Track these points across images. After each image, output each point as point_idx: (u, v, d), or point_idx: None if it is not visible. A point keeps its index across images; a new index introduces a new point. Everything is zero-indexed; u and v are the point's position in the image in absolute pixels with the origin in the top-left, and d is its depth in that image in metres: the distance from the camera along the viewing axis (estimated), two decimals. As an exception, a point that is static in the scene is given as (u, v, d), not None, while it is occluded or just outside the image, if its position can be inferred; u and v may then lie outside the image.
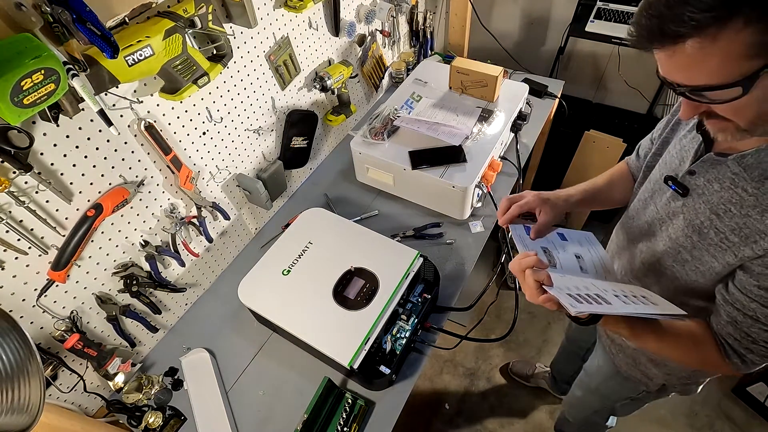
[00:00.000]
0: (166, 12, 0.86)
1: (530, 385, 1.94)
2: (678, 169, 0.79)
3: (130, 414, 1.04)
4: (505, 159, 1.52)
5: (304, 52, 1.34)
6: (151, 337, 1.18)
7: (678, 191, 0.77)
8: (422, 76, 1.61)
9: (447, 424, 1.86)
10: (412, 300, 1.12)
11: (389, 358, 1.04)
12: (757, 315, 0.68)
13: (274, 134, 1.36)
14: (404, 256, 1.13)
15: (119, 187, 0.95)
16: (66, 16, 0.63)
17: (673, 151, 0.84)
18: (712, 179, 0.72)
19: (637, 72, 2.13)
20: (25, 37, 0.62)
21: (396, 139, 1.40)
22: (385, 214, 1.45)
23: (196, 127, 1.09)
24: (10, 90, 0.60)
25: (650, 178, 0.90)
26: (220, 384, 1.11)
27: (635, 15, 0.56)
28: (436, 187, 1.32)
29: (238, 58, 1.12)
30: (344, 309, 1.05)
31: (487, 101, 1.51)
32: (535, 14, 2.23)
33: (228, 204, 1.28)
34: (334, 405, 1.03)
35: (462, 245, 1.35)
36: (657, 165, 0.89)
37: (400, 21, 1.78)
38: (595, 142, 2.00)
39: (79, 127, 0.84)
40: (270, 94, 1.28)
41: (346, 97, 1.51)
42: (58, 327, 0.93)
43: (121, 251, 1.02)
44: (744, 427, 1.79)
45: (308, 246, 1.17)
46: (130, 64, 0.79)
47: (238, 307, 1.12)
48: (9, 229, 0.79)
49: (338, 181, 1.57)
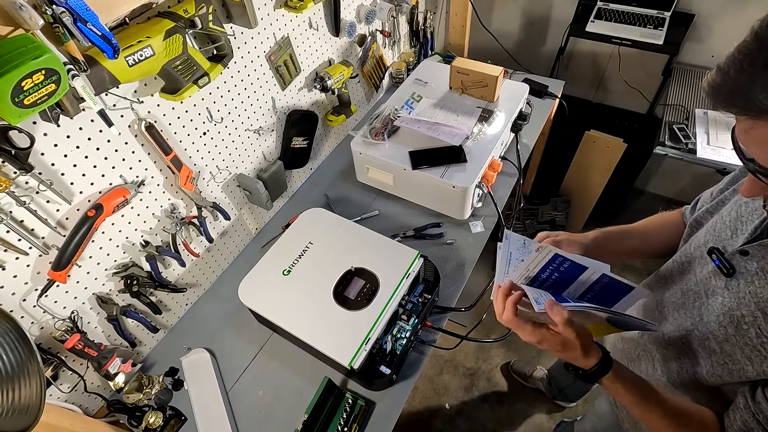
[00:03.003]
0: (166, 12, 0.86)
1: (528, 385, 1.94)
2: (728, 243, 0.67)
3: (131, 414, 1.04)
4: (506, 159, 1.52)
5: (305, 52, 1.34)
6: (151, 337, 1.18)
7: (722, 269, 0.66)
8: (422, 76, 1.61)
9: (447, 424, 1.86)
10: (413, 300, 1.12)
11: (389, 358, 1.04)
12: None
13: (275, 134, 1.36)
14: (404, 256, 1.13)
15: (120, 187, 0.95)
16: (66, 16, 0.63)
17: (727, 218, 0.70)
18: (766, 269, 0.60)
19: (637, 72, 2.13)
20: (25, 38, 0.62)
21: (396, 139, 1.40)
22: (385, 214, 1.45)
23: (197, 127, 1.09)
24: (11, 90, 0.60)
25: (693, 241, 0.77)
26: (221, 384, 1.11)
27: (726, 61, 0.47)
28: (436, 187, 1.32)
29: (239, 58, 1.12)
30: (344, 309, 1.05)
31: (488, 101, 1.51)
32: (536, 14, 2.23)
33: (228, 204, 1.28)
34: (335, 405, 1.03)
35: (462, 245, 1.35)
36: (704, 227, 0.76)
37: (401, 21, 1.78)
38: (595, 142, 2.01)
39: (79, 127, 0.84)
40: (270, 94, 1.28)
41: (347, 97, 1.51)
42: (59, 327, 0.93)
43: (122, 251, 1.03)
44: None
45: (308, 246, 1.17)
46: (131, 65, 0.79)
47: (238, 307, 1.12)
48: (9, 230, 0.79)
49: (338, 181, 1.57)
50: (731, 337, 0.64)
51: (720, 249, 0.67)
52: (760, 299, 0.60)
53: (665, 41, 1.81)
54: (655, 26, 1.86)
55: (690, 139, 1.71)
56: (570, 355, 0.69)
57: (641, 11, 1.93)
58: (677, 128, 1.75)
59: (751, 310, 0.61)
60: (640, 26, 1.88)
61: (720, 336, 0.65)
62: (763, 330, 0.60)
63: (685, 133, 1.74)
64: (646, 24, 1.88)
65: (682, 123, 1.78)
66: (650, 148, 1.82)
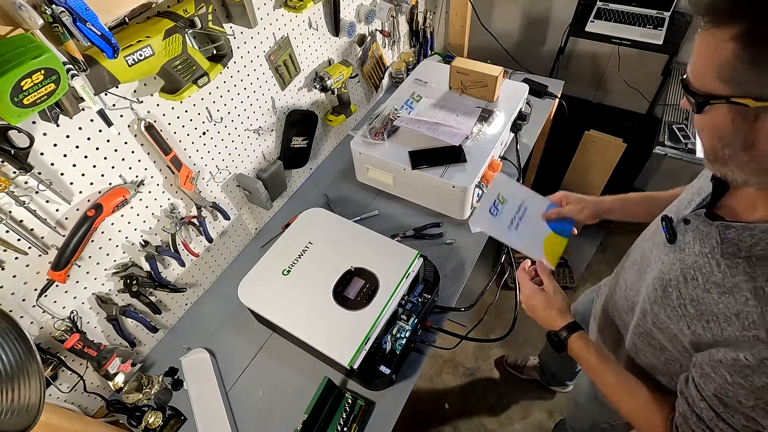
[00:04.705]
0: (166, 12, 0.86)
1: (523, 377, 1.96)
2: (681, 212, 0.71)
3: (130, 414, 1.04)
4: (505, 159, 1.52)
5: (304, 52, 1.34)
6: (151, 337, 1.18)
7: (667, 236, 0.71)
8: (422, 76, 1.61)
9: (447, 424, 1.86)
10: (412, 300, 1.12)
11: (389, 358, 1.04)
12: (703, 416, 0.63)
13: (274, 134, 1.36)
14: (404, 256, 1.13)
15: (119, 187, 0.95)
16: (66, 16, 0.63)
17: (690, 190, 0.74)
18: (697, 238, 0.64)
19: (637, 72, 2.13)
20: (25, 37, 0.62)
21: (396, 139, 1.40)
22: (385, 214, 1.45)
23: (196, 127, 1.09)
24: (10, 90, 0.60)
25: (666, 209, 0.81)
26: (220, 384, 1.11)
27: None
28: (436, 187, 1.32)
29: (238, 58, 1.12)
30: (344, 309, 1.05)
31: (487, 101, 1.51)
32: (535, 14, 2.23)
33: (228, 204, 1.28)
34: (334, 405, 1.03)
35: (462, 245, 1.35)
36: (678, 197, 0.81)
37: (400, 21, 1.78)
38: (595, 142, 2.01)
39: (79, 127, 0.84)
40: (270, 94, 1.28)
41: (346, 97, 1.51)
42: (58, 327, 0.93)
43: (121, 251, 1.02)
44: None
45: (308, 246, 1.17)
46: (130, 64, 0.79)
47: (238, 307, 1.12)
48: (9, 229, 0.79)
49: (338, 181, 1.57)
50: (659, 298, 0.69)
51: (671, 217, 0.72)
52: (685, 265, 0.64)
53: (665, 41, 1.80)
54: (654, 26, 1.86)
55: (689, 139, 1.71)
56: (550, 313, 0.86)
57: (641, 11, 1.93)
58: (677, 128, 1.76)
59: (677, 275, 0.65)
60: (639, 26, 1.88)
61: (651, 297, 0.71)
62: (682, 293, 0.64)
63: (684, 133, 1.74)
64: (646, 24, 1.88)
65: (681, 123, 1.79)
66: (650, 148, 1.82)
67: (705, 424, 0.63)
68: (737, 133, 0.51)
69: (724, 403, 0.60)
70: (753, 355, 0.54)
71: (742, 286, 0.56)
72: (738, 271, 0.57)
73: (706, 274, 0.61)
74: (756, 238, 0.55)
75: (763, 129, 0.49)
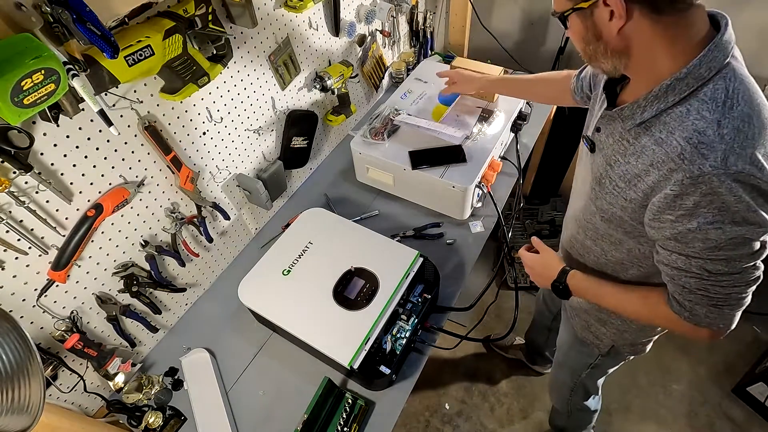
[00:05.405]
0: (166, 12, 0.86)
1: (508, 355, 2.00)
2: (590, 127, 0.86)
3: (130, 414, 1.04)
4: (505, 159, 1.52)
5: (304, 52, 1.34)
6: (151, 337, 1.18)
7: (589, 148, 0.84)
8: (422, 76, 1.61)
9: (447, 424, 1.86)
10: (412, 300, 1.12)
11: (389, 358, 1.04)
12: (679, 265, 0.72)
13: (274, 134, 1.36)
14: (404, 256, 1.13)
15: (119, 187, 0.95)
16: (66, 16, 0.63)
17: (592, 111, 0.90)
18: (609, 134, 0.78)
19: (637, 72, 2.13)
20: (25, 37, 0.62)
21: (396, 139, 1.40)
22: (385, 214, 1.45)
23: (196, 127, 1.09)
24: (10, 90, 0.60)
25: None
26: (220, 384, 1.11)
27: None
28: (436, 187, 1.32)
29: (239, 58, 1.12)
30: (344, 309, 1.05)
31: (487, 101, 1.51)
32: (535, 14, 2.23)
33: (228, 204, 1.28)
34: (334, 405, 1.03)
35: (462, 245, 1.35)
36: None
37: (400, 21, 1.78)
38: (595, 142, 2.00)
39: (79, 127, 0.84)
40: (270, 94, 1.28)
41: (346, 97, 1.51)
42: (58, 327, 0.93)
43: (122, 251, 1.02)
44: (744, 426, 1.79)
45: (308, 246, 1.17)
46: (130, 64, 0.79)
47: (238, 307, 1.12)
48: (9, 229, 0.79)
49: (338, 181, 1.57)
50: (598, 193, 0.82)
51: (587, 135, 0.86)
52: (607, 156, 0.78)
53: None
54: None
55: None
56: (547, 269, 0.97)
57: (641, 11, 1.93)
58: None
59: (604, 167, 0.79)
60: (639, 26, 1.88)
61: (592, 196, 0.84)
62: (612, 177, 0.77)
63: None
64: (646, 24, 1.88)
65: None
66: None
67: (684, 271, 0.72)
68: (588, 31, 0.69)
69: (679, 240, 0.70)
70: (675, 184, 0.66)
71: (647, 143, 0.70)
72: (641, 136, 0.71)
73: (622, 152, 0.75)
74: (642, 107, 0.70)
75: (599, 19, 0.66)
